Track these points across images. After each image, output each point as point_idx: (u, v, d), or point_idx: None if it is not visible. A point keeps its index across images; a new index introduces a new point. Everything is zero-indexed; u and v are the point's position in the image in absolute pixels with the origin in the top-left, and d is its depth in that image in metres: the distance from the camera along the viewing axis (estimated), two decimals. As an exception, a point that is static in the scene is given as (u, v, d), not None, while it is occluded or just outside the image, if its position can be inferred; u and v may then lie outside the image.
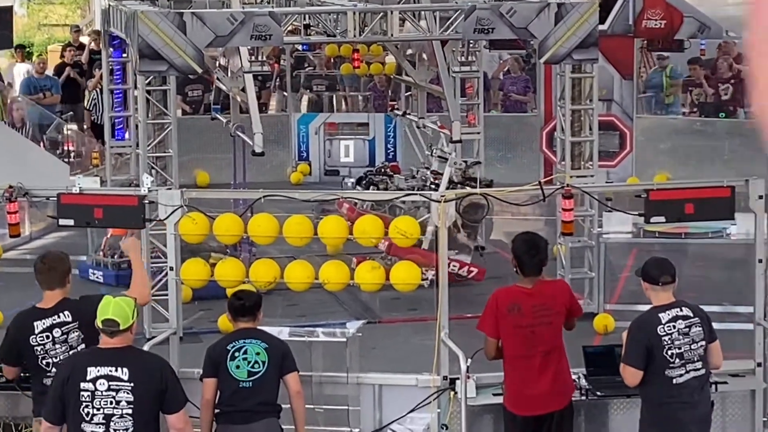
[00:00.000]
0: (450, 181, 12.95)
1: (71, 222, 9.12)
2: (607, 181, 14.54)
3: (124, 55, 14.20)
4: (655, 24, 15.76)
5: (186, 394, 7.37)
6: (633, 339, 7.94)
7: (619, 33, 15.76)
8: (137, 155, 13.14)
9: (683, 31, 15.96)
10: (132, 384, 7.05)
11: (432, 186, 12.93)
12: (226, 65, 13.56)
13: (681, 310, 7.95)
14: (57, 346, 7.96)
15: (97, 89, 18.58)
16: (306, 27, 12.71)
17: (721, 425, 8.83)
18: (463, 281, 12.61)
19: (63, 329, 7.96)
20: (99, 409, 7.04)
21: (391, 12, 12.02)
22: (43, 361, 7.97)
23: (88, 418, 7.05)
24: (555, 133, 12.99)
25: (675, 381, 7.87)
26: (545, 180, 9.56)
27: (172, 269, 9.08)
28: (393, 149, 18.75)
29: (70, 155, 17.67)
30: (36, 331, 7.95)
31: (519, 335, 8.15)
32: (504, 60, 21.28)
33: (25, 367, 8.15)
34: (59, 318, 7.97)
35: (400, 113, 16.30)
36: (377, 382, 8.86)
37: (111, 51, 14.34)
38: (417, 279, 9.08)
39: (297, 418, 8.17)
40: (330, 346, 8.88)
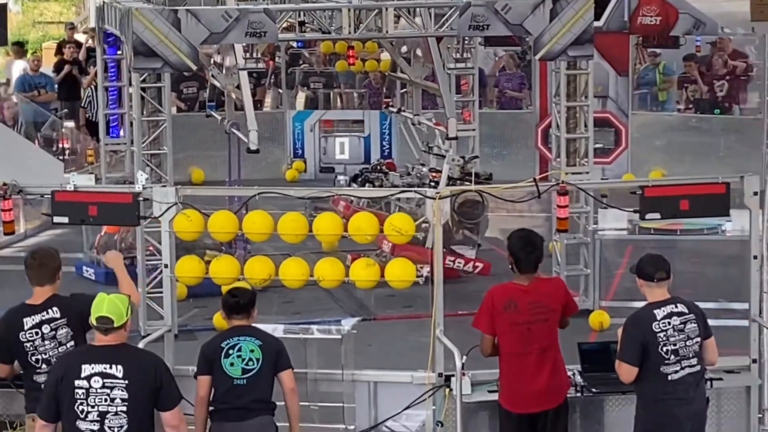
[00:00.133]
0: (449, 178, 12.96)
1: (66, 219, 9.10)
2: (603, 178, 14.51)
3: (118, 53, 14.19)
4: (651, 20, 15.78)
5: (180, 391, 7.37)
6: (628, 336, 7.94)
7: (615, 29, 15.76)
8: (132, 152, 13.13)
9: (678, 28, 15.98)
10: (126, 381, 7.04)
11: (432, 184, 12.92)
12: (220, 62, 13.54)
13: (676, 306, 7.95)
14: (46, 342, 7.95)
15: (92, 86, 18.56)
16: (301, 24, 12.71)
17: (716, 422, 8.82)
18: (467, 277, 12.64)
19: (52, 325, 7.95)
20: (93, 407, 7.04)
21: (386, 9, 12.01)
22: (33, 358, 7.96)
23: (82, 415, 7.05)
24: (550, 130, 12.99)
25: (670, 377, 7.86)
26: (540, 177, 9.55)
27: (166, 266, 9.06)
28: (388, 146, 18.75)
29: (65, 153, 17.66)
30: (25, 328, 7.94)
31: (515, 332, 8.14)
32: (499, 57, 21.28)
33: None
34: (48, 314, 7.96)
35: (395, 110, 16.29)
36: (372, 379, 8.84)
37: (106, 48, 14.33)
38: (412, 276, 9.07)
39: (291, 415, 8.17)
40: (325, 343, 8.87)
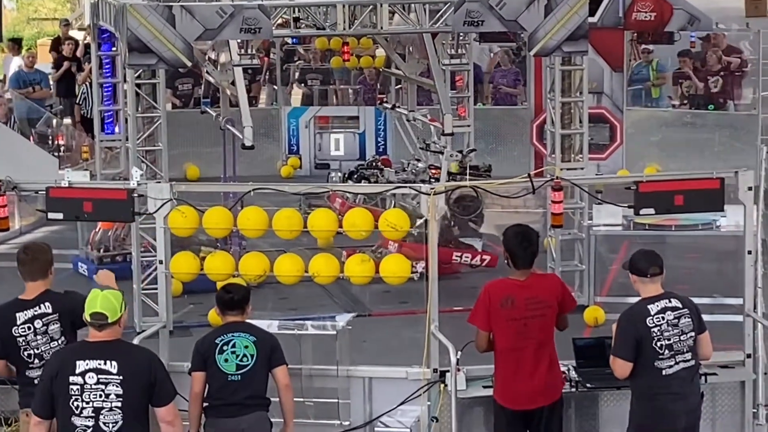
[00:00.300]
0: (449, 173, 12.97)
1: (60, 216, 9.09)
2: (597, 174, 14.53)
3: (113, 49, 14.16)
4: (645, 16, 15.78)
5: (175, 387, 7.37)
6: (622, 331, 7.94)
7: (609, 25, 15.77)
8: (127, 149, 13.12)
9: (673, 24, 15.99)
10: (121, 377, 7.03)
11: (433, 180, 12.92)
12: (215, 59, 13.55)
13: (670, 301, 7.95)
14: (38, 337, 7.95)
15: (87, 83, 18.54)
16: (296, 20, 12.68)
17: (711, 416, 8.83)
18: (462, 273, 12.65)
19: (44, 320, 7.95)
20: (88, 403, 7.03)
21: (381, 5, 12.01)
22: (25, 353, 7.95)
23: (77, 411, 7.05)
24: (545, 126, 13.00)
25: (664, 372, 7.87)
26: (535, 172, 9.54)
27: (161, 263, 9.07)
28: (383, 143, 18.75)
29: (60, 149, 17.64)
30: (18, 323, 7.94)
31: (511, 328, 8.13)
32: (494, 53, 21.27)
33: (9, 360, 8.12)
34: (40, 309, 7.95)
35: (389, 106, 16.28)
36: (367, 375, 8.84)
37: (100, 44, 14.31)
38: (407, 272, 9.07)
39: (286, 411, 8.17)
40: (320, 339, 8.88)
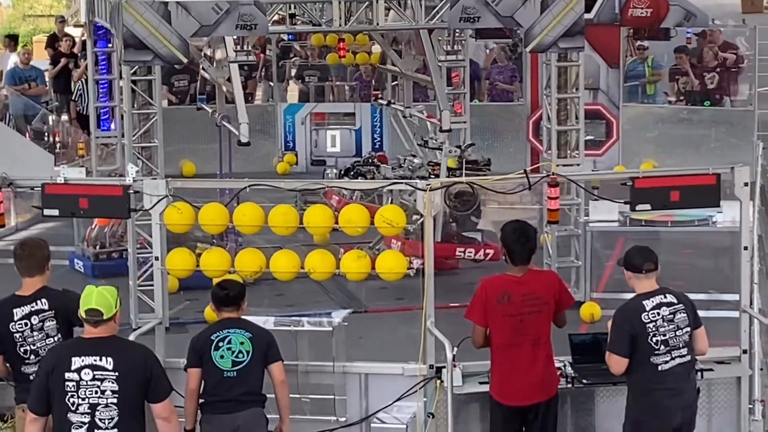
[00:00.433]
0: (449, 169, 12.96)
1: (56, 212, 9.09)
2: (593, 170, 14.53)
3: (109, 45, 14.15)
4: (642, 12, 15.76)
5: (171, 383, 7.37)
6: (617, 327, 7.94)
7: (606, 22, 15.72)
8: (123, 145, 13.10)
9: (669, 20, 15.97)
10: (117, 373, 7.04)
11: (432, 177, 12.91)
12: (211, 55, 13.54)
13: (665, 296, 7.96)
14: (35, 333, 7.97)
15: (83, 80, 18.53)
16: (291, 16, 12.69)
17: (707, 412, 8.84)
18: (459, 269, 12.64)
19: (40, 317, 7.97)
20: (84, 399, 7.04)
21: (377, 1, 12.00)
22: (21, 349, 7.97)
23: (73, 407, 7.05)
24: (541, 122, 12.99)
25: (660, 368, 7.87)
26: (531, 168, 9.54)
27: (157, 259, 9.06)
28: (380, 139, 18.75)
29: (56, 146, 17.62)
30: (15, 318, 7.96)
31: (508, 324, 8.13)
32: (491, 49, 21.27)
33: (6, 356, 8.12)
34: (37, 305, 7.98)
35: (384, 102, 16.27)
36: (363, 371, 8.84)
37: (96, 41, 14.30)
38: (403, 268, 9.06)
39: (281, 407, 8.17)
40: (316, 335, 8.87)
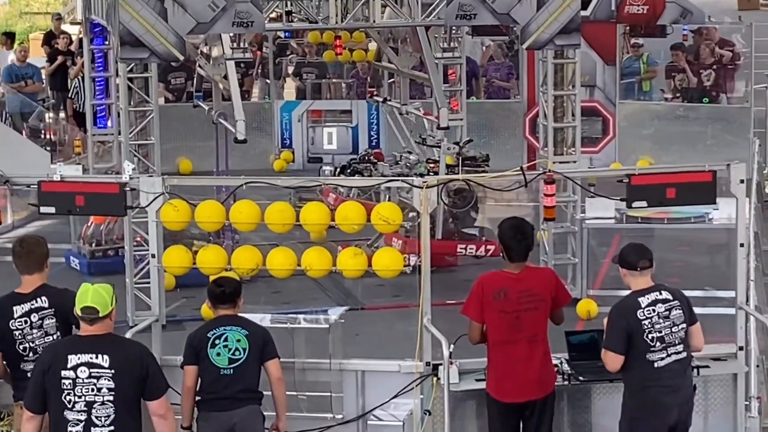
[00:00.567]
0: (447, 166, 12.96)
1: (52, 210, 9.09)
2: (590, 167, 14.54)
3: (105, 43, 14.14)
4: (638, 9, 15.80)
5: (168, 381, 7.37)
6: (613, 324, 7.95)
7: (602, 19, 15.77)
8: (119, 143, 13.10)
9: (665, 17, 16.01)
10: (113, 371, 7.04)
11: (431, 174, 12.90)
12: (208, 52, 13.53)
13: (660, 293, 7.97)
14: (34, 331, 7.97)
15: (79, 77, 18.52)
16: (288, 14, 12.69)
17: (704, 409, 8.85)
18: (456, 267, 12.63)
19: (39, 314, 7.98)
20: (80, 397, 7.04)
21: (373, -2, 12.02)
22: (20, 346, 7.97)
23: (69, 405, 7.05)
24: (538, 119, 12.99)
25: (656, 365, 7.88)
26: (528, 165, 9.54)
27: (154, 256, 9.06)
28: (376, 136, 18.75)
29: (52, 143, 17.60)
30: (15, 316, 7.96)
31: (504, 320, 8.13)
32: (487, 47, 21.27)
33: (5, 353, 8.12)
34: (36, 303, 7.98)
35: (380, 100, 16.26)
36: (360, 368, 8.84)
37: (92, 38, 14.29)
38: (399, 265, 9.07)
39: (278, 404, 8.17)
40: (312, 332, 8.87)
